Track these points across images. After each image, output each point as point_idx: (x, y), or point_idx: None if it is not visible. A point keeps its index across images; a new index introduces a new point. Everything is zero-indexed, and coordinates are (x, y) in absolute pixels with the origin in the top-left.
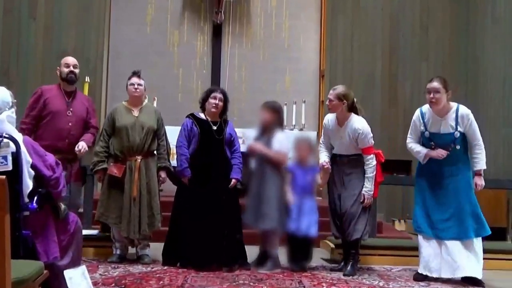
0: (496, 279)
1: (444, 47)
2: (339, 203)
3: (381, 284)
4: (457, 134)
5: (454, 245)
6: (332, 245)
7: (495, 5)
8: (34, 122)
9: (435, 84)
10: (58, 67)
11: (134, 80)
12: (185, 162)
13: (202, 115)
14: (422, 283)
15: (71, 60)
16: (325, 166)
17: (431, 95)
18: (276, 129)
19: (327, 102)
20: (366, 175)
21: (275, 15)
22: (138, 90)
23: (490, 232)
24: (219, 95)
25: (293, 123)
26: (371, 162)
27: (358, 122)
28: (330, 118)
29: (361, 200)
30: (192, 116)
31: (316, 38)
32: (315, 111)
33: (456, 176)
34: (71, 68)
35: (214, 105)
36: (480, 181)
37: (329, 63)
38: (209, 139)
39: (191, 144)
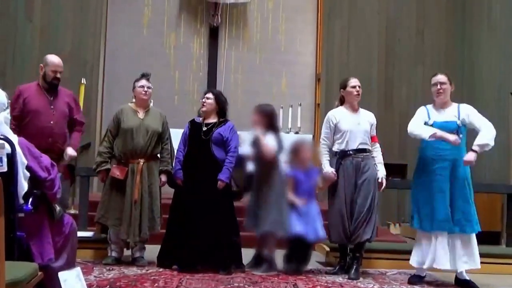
0: (490, 283)
1: (440, 52)
2: (349, 208)
3: (375, 287)
4: (460, 123)
5: (445, 238)
6: (327, 248)
7: (490, 11)
8: (16, 122)
9: (441, 76)
10: (41, 65)
11: (144, 82)
12: (178, 165)
13: (200, 119)
14: (416, 286)
15: (58, 64)
16: (335, 178)
17: (438, 87)
18: (268, 132)
19: (357, 89)
20: (378, 162)
21: (271, 18)
22: (147, 92)
23: (476, 231)
24: (207, 95)
25: (289, 126)
26: (379, 149)
27: (369, 111)
28: (336, 111)
29: (379, 186)
30: (190, 121)
31: (312, 41)
32: (311, 114)
33: (453, 163)
34: (58, 75)
35: (203, 105)
36: (470, 157)
37: (325, 66)
38: (196, 141)
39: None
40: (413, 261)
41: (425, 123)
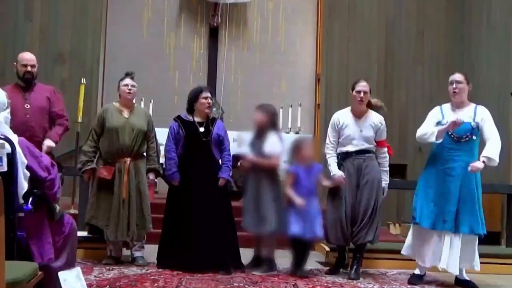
0: (490, 283)
1: (440, 52)
2: (350, 210)
3: (375, 287)
4: (475, 125)
5: (449, 238)
6: (327, 248)
7: (490, 12)
8: None
9: (457, 75)
10: (15, 63)
11: (128, 81)
12: (174, 166)
13: (189, 117)
14: (416, 287)
15: (28, 58)
16: (343, 182)
17: (454, 86)
18: (269, 131)
19: (361, 95)
20: (383, 168)
21: (271, 19)
22: (131, 91)
23: (484, 232)
24: (209, 94)
25: (289, 126)
26: (386, 155)
27: (378, 115)
28: (342, 114)
29: (382, 193)
30: (178, 118)
31: (312, 42)
32: (311, 115)
33: (464, 165)
34: (28, 68)
35: (207, 105)
36: (477, 165)
37: (325, 67)
38: (195, 142)
39: (178, 148)
40: (408, 252)
41: (439, 123)
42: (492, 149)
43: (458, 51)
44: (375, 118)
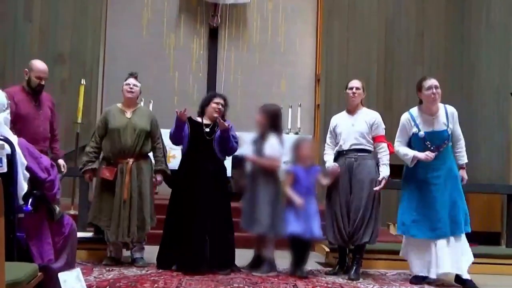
0: (490, 283)
1: (439, 52)
2: (345, 209)
3: None
4: (449, 131)
5: (447, 242)
6: (327, 249)
7: (489, 12)
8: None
9: (434, 80)
10: (26, 70)
11: (130, 80)
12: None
13: (198, 119)
14: (416, 287)
15: (44, 70)
16: (338, 171)
17: (433, 90)
18: (271, 133)
19: (354, 90)
20: (382, 162)
21: (271, 19)
22: (133, 90)
23: (469, 230)
24: (221, 100)
25: (289, 127)
26: (385, 149)
27: (372, 112)
28: (337, 116)
29: (379, 185)
30: (188, 119)
31: (312, 42)
32: (311, 115)
33: (446, 171)
34: (43, 82)
35: (217, 109)
36: (465, 175)
37: (325, 67)
38: (199, 140)
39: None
40: (416, 270)
41: (415, 135)
42: (464, 152)
43: (458, 51)
44: (368, 113)
